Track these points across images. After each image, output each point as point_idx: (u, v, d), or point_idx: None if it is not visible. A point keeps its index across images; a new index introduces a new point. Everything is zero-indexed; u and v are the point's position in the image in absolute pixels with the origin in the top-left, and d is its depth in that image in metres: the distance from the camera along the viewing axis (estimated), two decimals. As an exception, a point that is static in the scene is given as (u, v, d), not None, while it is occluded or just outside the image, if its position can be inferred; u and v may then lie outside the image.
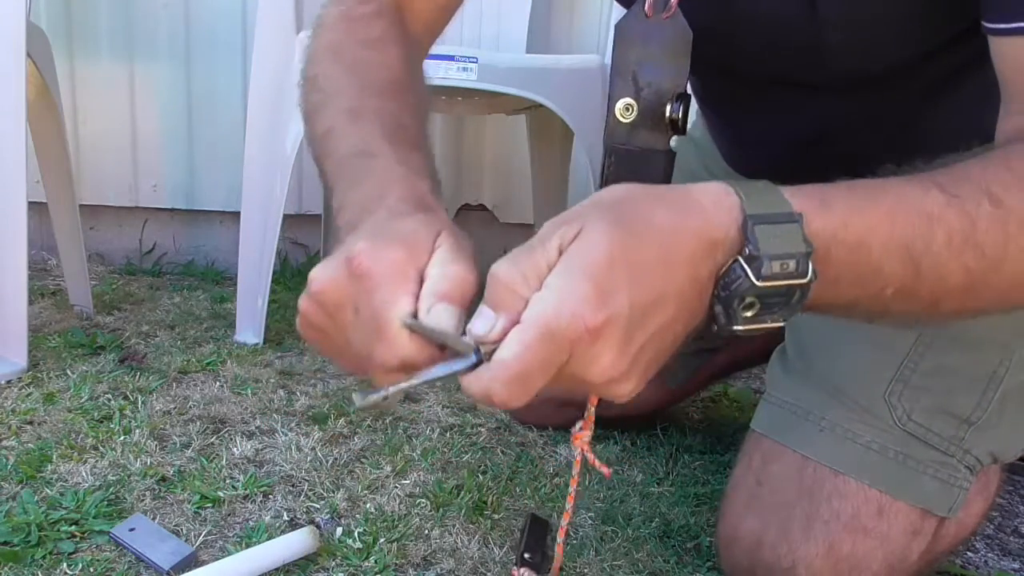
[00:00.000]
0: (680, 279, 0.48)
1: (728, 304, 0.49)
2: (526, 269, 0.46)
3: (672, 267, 0.47)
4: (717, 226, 0.48)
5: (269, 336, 1.50)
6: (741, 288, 0.48)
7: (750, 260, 0.48)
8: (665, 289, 0.47)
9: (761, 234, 0.48)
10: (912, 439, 0.78)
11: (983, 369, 0.80)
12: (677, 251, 0.47)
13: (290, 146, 1.41)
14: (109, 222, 2.03)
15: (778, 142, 0.91)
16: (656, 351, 0.49)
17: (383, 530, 0.92)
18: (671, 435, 1.21)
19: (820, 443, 0.80)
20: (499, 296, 0.46)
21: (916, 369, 0.79)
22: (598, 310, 0.44)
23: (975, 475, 0.80)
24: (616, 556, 0.90)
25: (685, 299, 0.48)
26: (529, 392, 0.46)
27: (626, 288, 0.45)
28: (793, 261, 0.48)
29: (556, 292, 0.44)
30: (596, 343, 0.45)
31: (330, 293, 0.52)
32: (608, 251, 0.45)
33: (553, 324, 0.44)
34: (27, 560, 0.83)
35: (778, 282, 0.48)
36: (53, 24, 1.84)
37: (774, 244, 0.48)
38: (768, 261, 0.48)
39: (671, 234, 0.47)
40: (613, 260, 0.45)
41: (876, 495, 0.77)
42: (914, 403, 0.78)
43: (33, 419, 1.14)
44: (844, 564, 0.77)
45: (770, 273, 0.48)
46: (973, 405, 0.79)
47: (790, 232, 0.49)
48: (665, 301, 0.47)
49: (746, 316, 0.50)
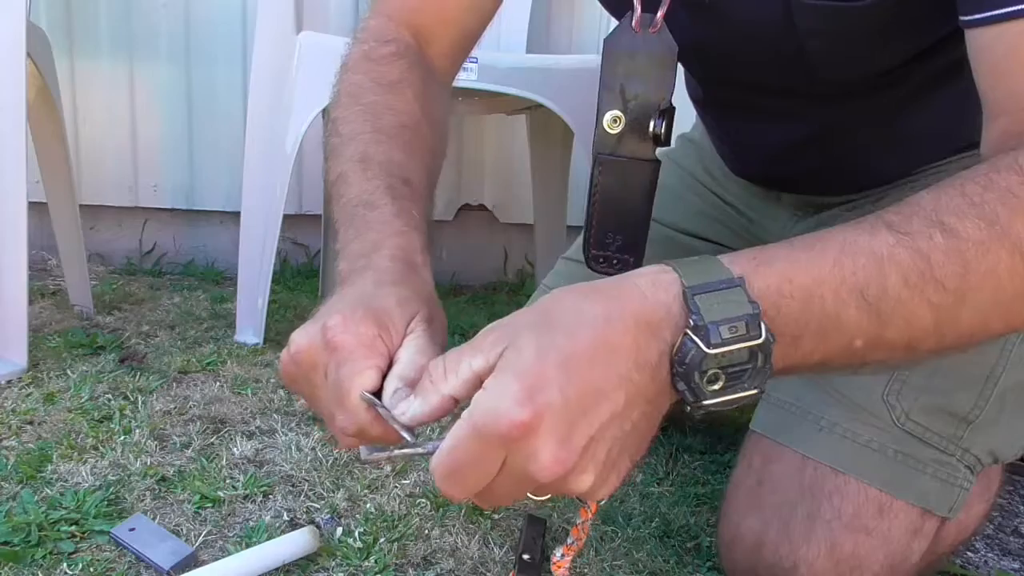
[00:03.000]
0: (623, 366, 0.47)
1: (689, 380, 0.49)
2: (448, 366, 0.49)
3: (611, 355, 0.47)
4: (655, 306, 0.48)
5: (269, 336, 1.50)
6: (695, 360, 0.48)
7: (697, 331, 0.48)
8: (605, 377, 0.47)
9: (703, 303, 0.48)
10: (911, 438, 0.78)
11: (980, 368, 0.80)
12: (613, 340, 0.47)
13: (290, 146, 1.41)
14: (109, 222, 2.03)
15: (771, 145, 0.92)
16: (615, 442, 0.48)
17: (383, 530, 0.92)
18: (671, 435, 1.21)
19: (820, 442, 0.80)
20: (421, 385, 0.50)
21: (914, 369, 0.79)
22: (524, 406, 0.44)
23: (975, 475, 0.80)
24: (616, 556, 0.90)
25: (634, 385, 0.48)
26: (466, 485, 0.48)
27: (557, 383, 0.45)
28: (741, 323, 0.48)
29: (487, 393, 0.46)
30: (529, 438, 0.45)
31: (305, 355, 0.55)
32: (536, 353, 0.46)
33: (480, 421, 0.45)
34: (27, 560, 0.83)
35: (731, 347, 0.48)
36: (53, 24, 1.84)
37: (718, 310, 0.48)
38: (715, 328, 0.47)
39: (605, 324, 0.47)
40: (542, 358, 0.46)
41: (876, 494, 0.77)
42: (912, 402, 0.78)
43: (33, 419, 1.14)
44: (846, 564, 0.77)
45: (720, 340, 0.47)
46: (971, 404, 0.79)
47: (732, 296, 0.49)
48: (607, 391, 0.47)
49: (714, 390, 0.49)
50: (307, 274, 1.99)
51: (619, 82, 0.70)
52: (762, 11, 0.73)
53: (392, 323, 0.55)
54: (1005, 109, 0.59)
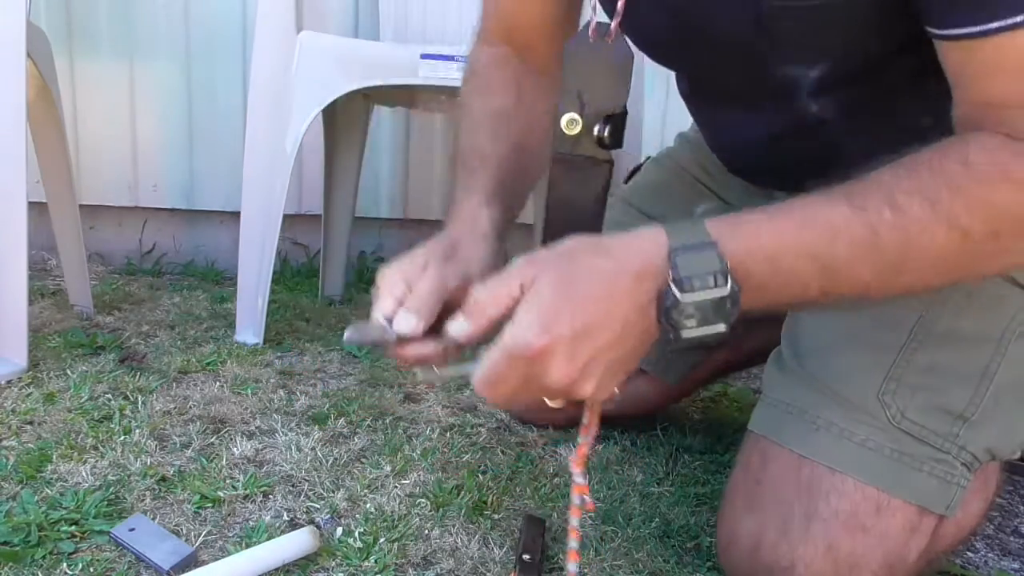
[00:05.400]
0: (623, 308, 0.62)
1: (668, 318, 0.63)
2: (494, 294, 0.63)
3: (613, 301, 0.62)
4: (648, 262, 0.63)
5: (269, 336, 1.50)
6: (673, 304, 0.62)
7: (676, 282, 0.62)
8: (607, 315, 0.62)
9: (681, 261, 0.62)
10: (907, 437, 0.78)
11: (975, 365, 0.80)
12: (617, 289, 0.63)
13: (290, 146, 1.41)
14: (109, 222, 2.03)
15: (756, 139, 0.92)
16: (610, 360, 0.63)
17: (383, 530, 0.92)
18: (671, 435, 1.21)
19: (816, 442, 0.80)
20: (471, 310, 0.64)
21: (908, 367, 0.79)
22: (542, 336, 0.60)
23: (973, 473, 0.80)
24: (616, 556, 0.90)
25: (631, 321, 0.63)
26: (498, 391, 0.64)
27: (568, 317, 0.61)
28: (711, 277, 0.62)
29: (514, 325, 0.61)
30: (546, 358, 0.61)
31: None
32: (553, 295, 0.61)
33: (509, 347, 0.61)
34: (27, 560, 0.83)
35: (701, 295, 0.62)
36: (53, 24, 1.85)
37: (693, 266, 0.62)
38: (689, 280, 0.62)
39: (612, 277, 0.63)
40: (558, 299, 0.61)
41: (874, 493, 0.77)
42: (908, 401, 0.79)
43: (33, 419, 1.14)
44: (844, 563, 0.77)
45: (691, 288, 0.62)
46: (966, 401, 0.79)
47: (706, 255, 0.62)
48: (606, 324, 0.62)
49: (689, 326, 0.63)
50: (307, 274, 2.00)
51: (576, 87, 0.79)
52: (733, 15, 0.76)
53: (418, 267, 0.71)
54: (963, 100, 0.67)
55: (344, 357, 1.46)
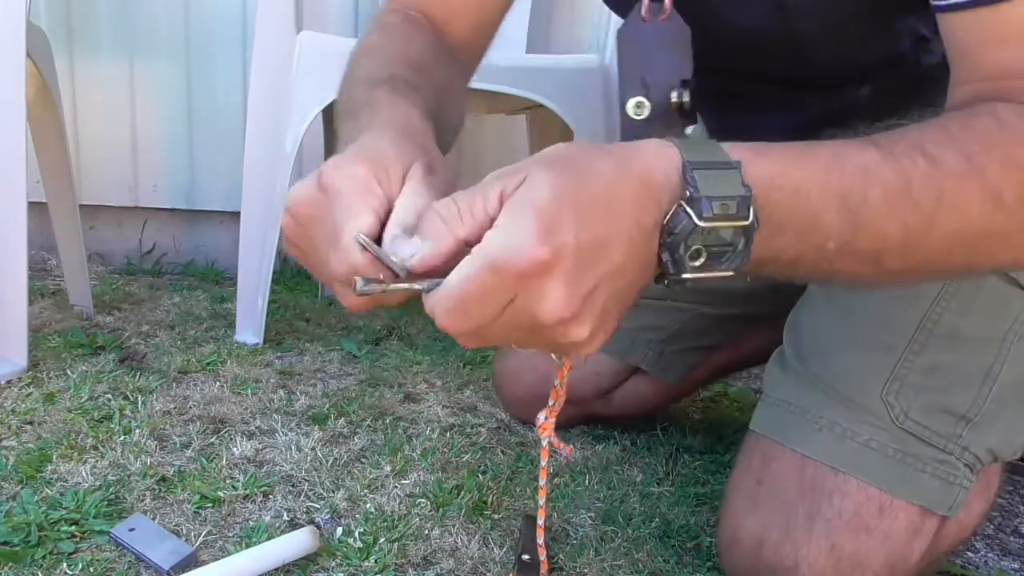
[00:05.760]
0: (626, 222, 0.49)
1: (675, 250, 0.51)
2: (462, 207, 0.48)
3: (617, 208, 0.49)
4: (658, 170, 0.51)
5: (269, 336, 1.50)
6: (685, 230, 0.50)
7: (691, 202, 0.50)
8: (611, 230, 0.48)
9: (701, 177, 0.50)
10: (910, 437, 0.78)
11: (978, 366, 0.80)
12: (621, 194, 0.49)
13: (290, 146, 1.41)
14: (109, 222, 2.03)
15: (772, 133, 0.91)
16: (609, 296, 0.50)
17: (383, 530, 0.92)
18: (671, 435, 1.21)
19: (819, 442, 0.80)
20: (430, 226, 0.48)
21: (912, 367, 0.79)
22: (543, 244, 0.45)
23: (975, 474, 0.80)
24: (616, 556, 0.90)
25: (633, 244, 0.49)
26: (469, 320, 0.47)
27: (572, 225, 0.46)
28: (733, 203, 0.51)
29: (502, 229, 0.46)
30: (543, 277, 0.46)
31: (302, 207, 0.54)
32: (552, 192, 0.46)
33: (498, 256, 0.45)
34: (27, 560, 0.83)
35: (720, 223, 0.51)
36: (53, 24, 1.85)
37: (713, 186, 0.50)
38: (708, 202, 0.50)
39: (615, 177, 0.49)
40: (558, 199, 0.46)
41: (877, 493, 0.77)
42: (911, 401, 0.78)
43: (33, 419, 1.14)
44: (847, 563, 0.77)
45: (711, 214, 0.50)
46: (970, 402, 0.79)
47: (728, 176, 0.51)
48: (611, 242, 0.48)
49: (694, 265, 0.52)
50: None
51: (637, 71, 0.70)
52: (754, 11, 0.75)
53: (390, 166, 0.54)
54: (970, 78, 0.62)
55: (344, 357, 1.46)
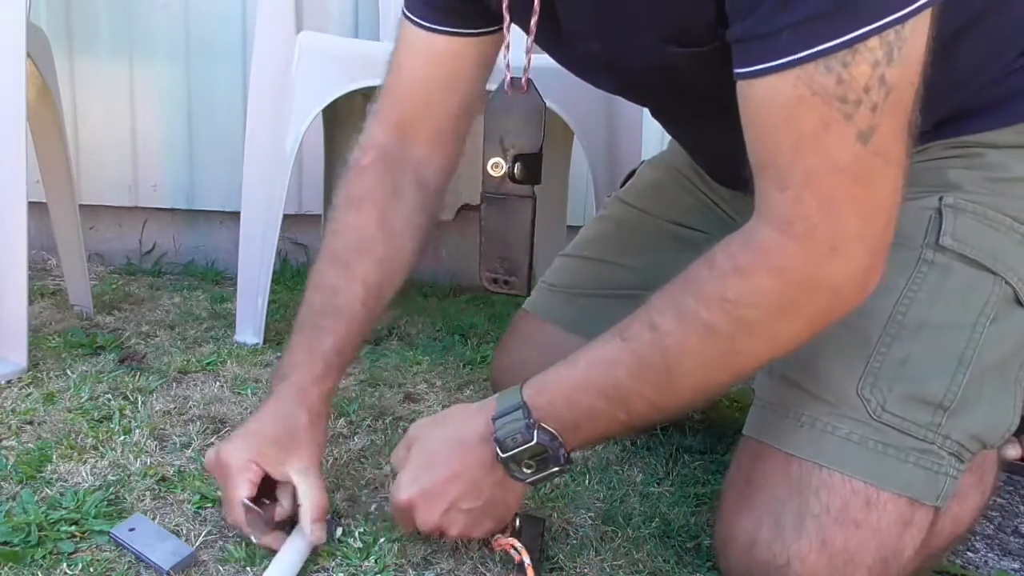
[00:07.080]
0: (468, 463, 0.81)
1: (507, 468, 0.79)
2: None
3: (460, 458, 0.81)
4: (482, 428, 0.80)
5: (269, 336, 1.50)
6: (503, 460, 0.78)
7: (498, 443, 0.78)
8: (453, 472, 0.81)
9: (499, 424, 0.79)
10: (890, 429, 0.79)
11: (950, 353, 0.80)
12: (461, 450, 0.81)
13: (290, 146, 1.41)
14: (109, 222, 2.03)
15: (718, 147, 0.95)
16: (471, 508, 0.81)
17: (383, 530, 0.92)
18: (671, 435, 1.21)
19: (801, 439, 0.80)
20: None
21: (885, 360, 0.80)
22: (404, 494, 0.82)
23: (964, 463, 0.80)
24: (616, 556, 0.90)
25: (479, 477, 0.80)
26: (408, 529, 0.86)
27: (423, 481, 0.81)
28: (520, 435, 0.77)
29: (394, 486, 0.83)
30: (412, 510, 0.82)
31: (211, 467, 0.88)
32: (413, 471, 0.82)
33: (392, 499, 0.83)
34: (27, 560, 0.83)
35: (516, 449, 0.77)
36: (53, 24, 1.85)
37: (505, 429, 0.78)
38: (503, 440, 0.78)
39: (456, 445, 0.82)
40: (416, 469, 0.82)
41: (862, 486, 0.78)
42: (887, 394, 0.79)
43: (33, 419, 1.14)
44: (838, 558, 0.77)
45: (508, 447, 0.78)
46: (944, 390, 0.79)
47: (514, 416, 0.78)
48: (455, 478, 0.80)
49: (527, 473, 0.79)
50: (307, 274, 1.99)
51: (498, 134, 0.86)
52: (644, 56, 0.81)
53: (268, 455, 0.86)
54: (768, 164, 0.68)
55: (344, 357, 1.46)
